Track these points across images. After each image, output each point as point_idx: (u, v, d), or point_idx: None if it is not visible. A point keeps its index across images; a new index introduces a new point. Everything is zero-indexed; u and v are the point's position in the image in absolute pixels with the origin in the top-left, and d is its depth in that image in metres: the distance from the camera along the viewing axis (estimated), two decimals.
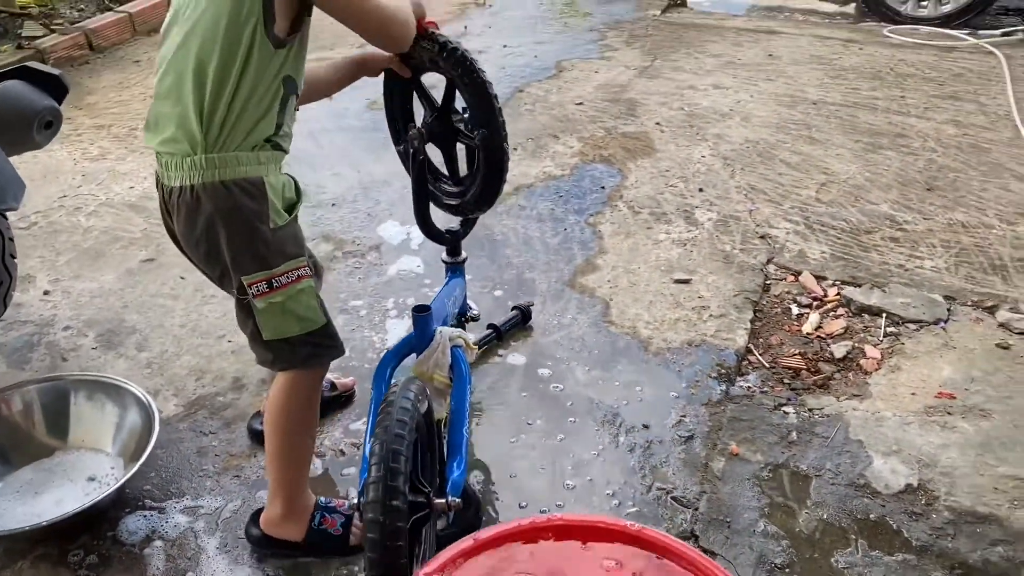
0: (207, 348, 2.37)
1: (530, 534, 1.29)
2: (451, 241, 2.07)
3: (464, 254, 2.11)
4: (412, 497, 1.46)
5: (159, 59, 1.57)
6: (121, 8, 4.44)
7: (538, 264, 2.67)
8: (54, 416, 2.03)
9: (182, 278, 2.63)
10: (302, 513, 1.77)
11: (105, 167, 3.27)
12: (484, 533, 1.28)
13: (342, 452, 2.04)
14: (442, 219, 1.98)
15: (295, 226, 1.62)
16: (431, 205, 1.92)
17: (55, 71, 2.16)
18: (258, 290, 1.56)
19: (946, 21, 4.78)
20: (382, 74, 1.89)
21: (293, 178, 1.67)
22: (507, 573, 1.22)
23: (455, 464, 1.63)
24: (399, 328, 2.41)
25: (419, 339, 1.76)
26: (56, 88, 2.16)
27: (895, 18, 4.87)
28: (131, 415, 2.00)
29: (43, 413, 2.03)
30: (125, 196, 3.08)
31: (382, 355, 1.84)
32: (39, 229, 2.90)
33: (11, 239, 2.15)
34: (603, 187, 3.05)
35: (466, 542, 1.26)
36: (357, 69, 1.85)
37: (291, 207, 1.62)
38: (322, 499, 1.82)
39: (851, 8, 5.24)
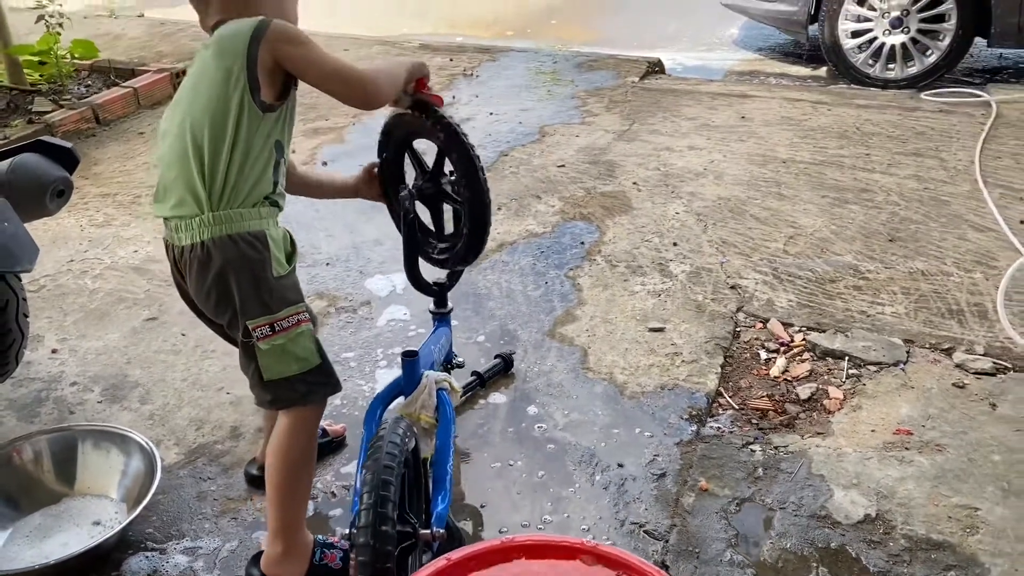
0: (207, 400, 2.50)
1: (502, 553, 1.41)
2: (438, 293, 2.23)
3: (450, 305, 2.26)
4: (400, 527, 1.59)
5: (160, 133, 1.76)
6: (126, 83, 4.67)
7: (520, 315, 2.82)
8: (62, 464, 2.15)
9: (183, 335, 2.78)
10: (303, 551, 1.87)
11: (110, 233, 3.44)
12: (457, 553, 1.41)
13: (333, 494, 2.16)
14: (429, 272, 2.14)
15: (294, 276, 1.80)
16: (420, 260, 2.09)
17: (67, 144, 2.33)
18: (261, 333, 1.72)
19: (913, 82, 5.02)
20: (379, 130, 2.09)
21: (288, 231, 1.84)
22: None
23: (440, 498, 1.76)
24: (387, 377, 2.54)
25: (407, 382, 1.90)
26: (68, 160, 2.33)
27: (864, 80, 5.11)
28: (135, 462, 2.13)
29: (52, 461, 2.16)
30: (129, 259, 3.24)
31: (372, 398, 1.98)
32: (48, 292, 3.05)
33: (24, 299, 2.30)
34: (582, 243, 3.21)
35: (439, 562, 1.38)
36: (351, 192, 2.13)
37: (289, 258, 1.80)
38: (319, 536, 1.94)
39: (823, 71, 5.49)
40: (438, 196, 2.06)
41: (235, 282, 1.70)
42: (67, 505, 2.12)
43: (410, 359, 1.89)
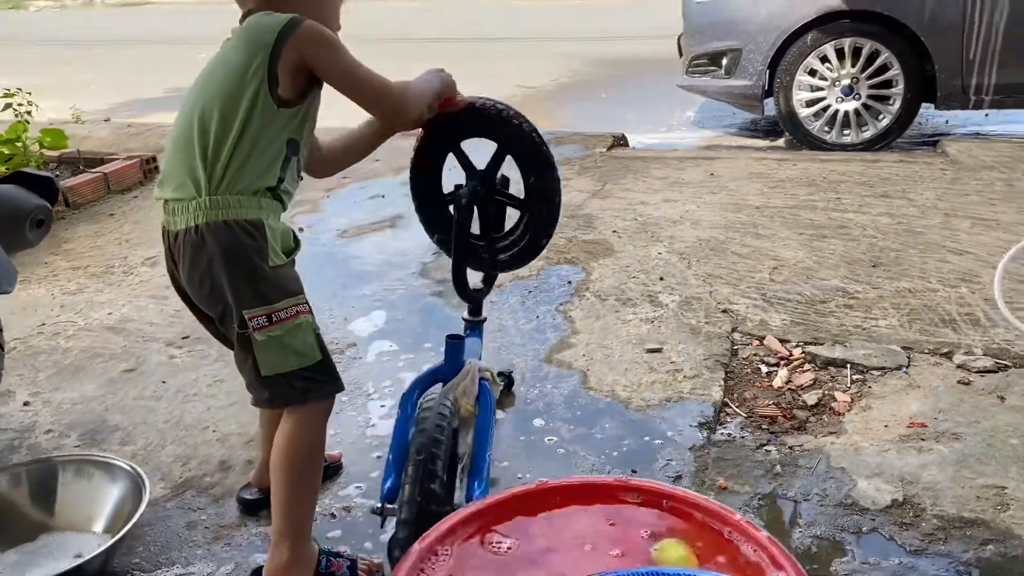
0: (191, 438, 2.37)
1: (535, 497, 1.32)
2: (477, 299, 2.15)
3: (484, 314, 2.18)
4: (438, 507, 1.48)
5: (176, 117, 1.72)
6: (96, 169, 4.65)
7: (514, 346, 2.76)
8: (42, 497, 2.00)
9: (163, 382, 2.67)
10: (309, 559, 1.75)
11: (83, 299, 3.34)
12: (488, 500, 1.31)
13: (332, 515, 2.04)
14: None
15: (293, 268, 1.72)
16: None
17: (47, 174, 2.29)
18: (258, 324, 1.63)
19: (869, 145, 5.20)
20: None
21: (292, 229, 1.78)
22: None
23: (476, 484, 1.66)
24: (379, 409, 2.45)
25: (449, 366, 1.82)
26: (48, 191, 2.28)
27: (822, 146, 5.28)
28: (121, 490, 1.99)
29: (30, 495, 2.01)
30: (104, 320, 3.13)
31: (411, 380, 1.89)
32: (18, 353, 2.92)
33: (0, 329, 2.19)
34: (570, 282, 3.19)
35: (471, 507, 1.28)
36: (383, 134, 1.91)
37: (290, 252, 1.73)
38: (324, 546, 1.81)
39: (781, 142, 5.67)
40: (492, 197, 1.96)
41: (227, 270, 1.62)
42: (46, 541, 1.96)
43: (455, 341, 1.81)
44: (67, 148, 4.90)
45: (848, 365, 2.55)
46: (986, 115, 5.99)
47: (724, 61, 5.62)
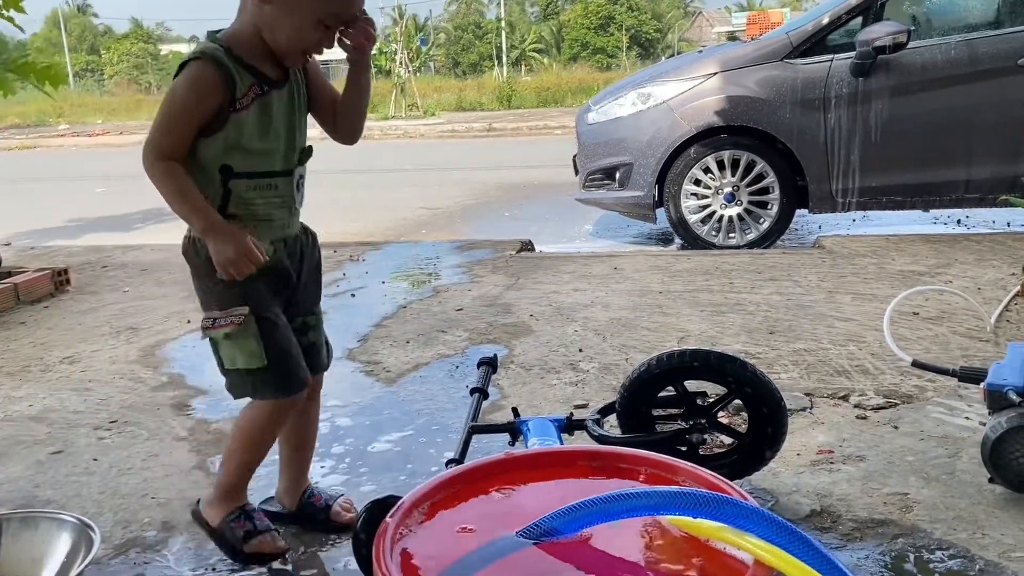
0: (130, 505, 2.36)
1: (506, 465, 1.44)
2: None
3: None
4: None
5: None
6: (5, 281, 4.58)
7: (446, 410, 2.87)
8: None
9: (95, 460, 2.64)
10: (226, 505, 2.00)
11: (0, 394, 3.28)
12: (460, 468, 1.42)
13: None
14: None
15: (244, 287, 1.84)
16: None
17: None
18: (205, 324, 1.88)
19: (753, 246, 5.66)
20: None
21: (281, 243, 1.93)
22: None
23: None
24: (317, 468, 2.51)
25: None
26: None
27: (711, 249, 5.71)
28: (68, 543, 1.96)
29: None
30: (24, 411, 3.08)
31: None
32: None
33: None
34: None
35: (443, 475, 1.39)
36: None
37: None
38: (253, 505, 2.05)
39: (673, 248, 6.09)
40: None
41: (191, 274, 1.94)
42: None
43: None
44: None
45: None
46: (853, 220, 6.63)
47: (617, 175, 6.07)
